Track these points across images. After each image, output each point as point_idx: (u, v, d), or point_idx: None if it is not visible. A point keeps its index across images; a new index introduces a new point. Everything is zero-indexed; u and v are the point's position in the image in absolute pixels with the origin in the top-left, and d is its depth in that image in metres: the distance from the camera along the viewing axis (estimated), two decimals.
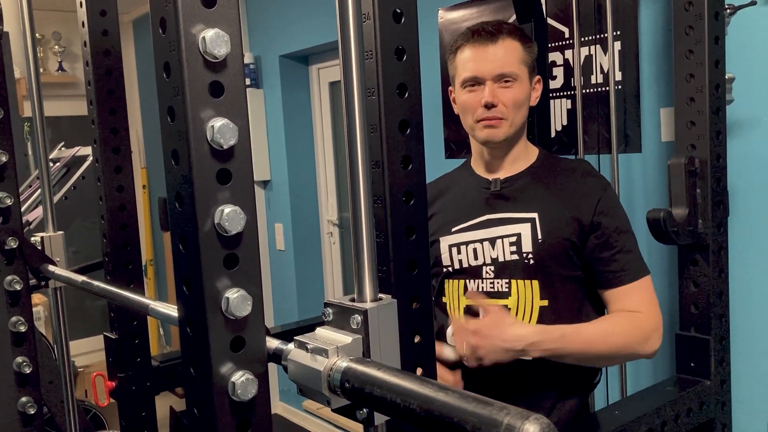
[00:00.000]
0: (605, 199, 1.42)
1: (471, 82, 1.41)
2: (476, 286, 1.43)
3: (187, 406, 0.66)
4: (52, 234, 1.42)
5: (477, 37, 1.41)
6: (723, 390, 1.45)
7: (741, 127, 1.78)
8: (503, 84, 1.39)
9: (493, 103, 1.38)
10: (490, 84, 1.39)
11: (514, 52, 1.40)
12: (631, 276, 1.39)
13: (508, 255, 1.40)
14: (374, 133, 0.80)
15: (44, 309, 3.23)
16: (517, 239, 1.40)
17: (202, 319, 0.62)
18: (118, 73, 1.57)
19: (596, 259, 1.40)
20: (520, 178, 1.46)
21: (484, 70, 1.39)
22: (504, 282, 1.41)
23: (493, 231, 1.42)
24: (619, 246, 1.40)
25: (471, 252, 1.43)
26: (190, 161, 0.60)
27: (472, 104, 1.41)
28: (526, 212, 1.42)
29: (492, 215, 1.44)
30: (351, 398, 0.62)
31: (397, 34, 0.80)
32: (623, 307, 1.39)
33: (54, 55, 4.70)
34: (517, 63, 1.40)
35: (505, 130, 1.41)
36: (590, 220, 1.39)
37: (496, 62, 1.39)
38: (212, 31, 0.60)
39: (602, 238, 1.39)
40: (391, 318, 0.69)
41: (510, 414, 0.48)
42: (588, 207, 1.40)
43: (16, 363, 1.29)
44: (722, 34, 1.38)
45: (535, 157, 1.49)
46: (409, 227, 0.82)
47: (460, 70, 1.43)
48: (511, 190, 1.45)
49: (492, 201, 1.45)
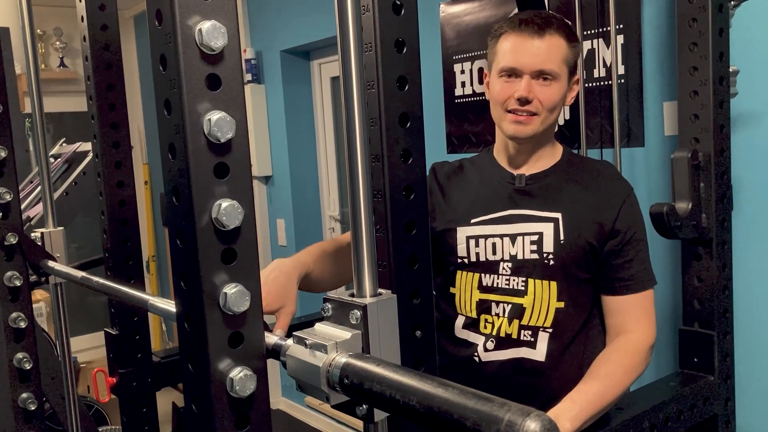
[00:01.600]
0: (628, 205, 1.39)
1: (508, 72, 1.36)
2: (491, 282, 1.41)
3: (185, 402, 0.66)
4: (52, 230, 1.41)
5: (524, 27, 1.35)
6: (727, 386, 1.44)
7: (745, 120, 1.77)
8: (541, 81, 1.34)
9: (527, 98, 1.34)
10: (527, 78, 1.34)
11: (559, 49, 1.35)
12: (637, 287, 1.37)
13: (528, 253, 1.38)
14: (374, 127, 0.79)
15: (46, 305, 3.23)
16: (538, 238, 1.38)
17: (199, 315, 0.62)
18: (118, 68, 1.57)
19: (608, 264, 1.38)
20: (546, 176, 1.43)
21: (525, 63, 1.34)
22: (521, 280, 1.39)
23: (515, 227, 1.40)
24: (631, 255, 1.37)
25: (489, 246, 1.41)
26: (187, 155, 0.59)
27: (505, 95, 1.36)
28: (550, 212, 1.39)
29: (514, 211, 1.41)
30: (350, 394, 0.61)
31: (396, 26, 0.79)
32: (621, 323, 1.38)
33: (56, 51, 4.69)
34: (560, 62, 1.35)
35: (534, 127, 1.36)
36: (612, 225, 1.37)
37: (538, 57, 1.33)
38: (209, 23, 0.59)
39: (618, 244, 1.37)
40: (391, 313, 0.68)
41: (511, 410, 0.48)
42: (611, 212, 1.38)
43: (17, 359, 1.29)
44: (726, 27, 1.37)
45: (559, 155, 1.46)
46: (410, 222, 0.81)
47: (500, 57, 1.37)
48: (536, 187, 1.42)
49: (515, 196, 1.43)
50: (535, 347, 1.38)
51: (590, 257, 1.38)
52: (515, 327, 1.39)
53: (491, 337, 1.40)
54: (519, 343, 1.39)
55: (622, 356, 1.34)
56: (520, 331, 1.39)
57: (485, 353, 1.41)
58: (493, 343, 1.40)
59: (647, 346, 1.36)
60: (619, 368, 1.32)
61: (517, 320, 1.38)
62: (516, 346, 1.39)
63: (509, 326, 1.39)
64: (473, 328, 1.43)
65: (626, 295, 1.37)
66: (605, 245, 1.37)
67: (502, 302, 1.40)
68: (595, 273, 1.39)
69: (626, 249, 1.37)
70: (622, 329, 1.38)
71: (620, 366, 1.33)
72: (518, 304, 1.39)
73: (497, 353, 1.40)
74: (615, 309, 1.39)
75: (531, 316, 1.38)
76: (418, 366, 0.81)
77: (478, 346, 1.41)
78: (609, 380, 1.30)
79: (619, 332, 1.38)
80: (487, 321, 1.41)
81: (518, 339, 1.39)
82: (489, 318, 1.41)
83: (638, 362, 1.35)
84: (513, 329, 1.39)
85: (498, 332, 1.40)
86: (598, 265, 1.39)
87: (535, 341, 1.38)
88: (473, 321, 1.43)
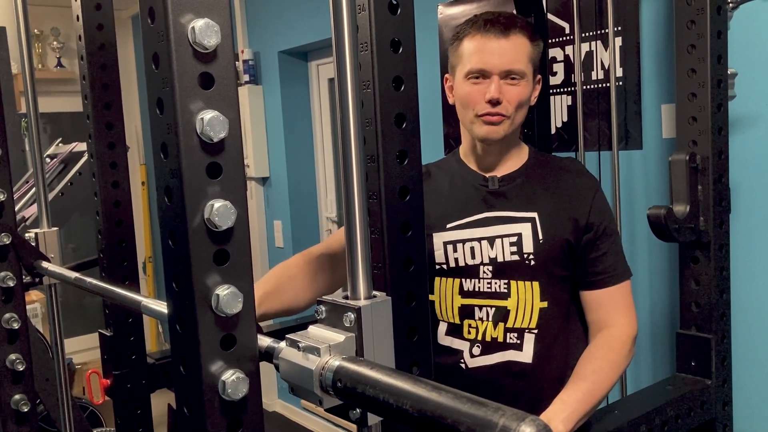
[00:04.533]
0: (598, 199, 1.41)
1: (476, 74, 1.35)
2: (473, 286, 1.41)
3: (177, 405, 0.65)
4: (46, 230, 1.41)
5: (489, 27, 1.34)
6: (724, 389, 1.43)
7: (743, 123, 1.77)
8: (510, 81, 1.34)
9: (498, 99, 1.33)
10: (496, 79, 1.33)
11: (524, 48, 1.36)
12: (613, 279, 1.38)
13: (508, 255, 1.38)
14: (369, 127, 0.78)
15: (42, 306, 3.22)
16: (517, 239, 1.38)
17: (191, 317, 0.61)
18: (114, 68, 1.56)
19: (583, 259, 1.39)
20: (517, 176, 1.43)
21: (493, 64, 1.33)
22: (503, 282, 1.39)
23: (492, 230, 1.40)
24: (605, 248, 1.39)
25: (468, 250, 1.41)
26: (179, 154, 0.59)
27: (474, 98, 1.35)
28: (526, 212, 1.39)
29: (490, 213, 1.41)
30: (343, 398, 0.60)
31: (392, 25, 0.78)
32: (601, 317, 1.39)
33: (53, 50, 4.68)
34: (526, 61, 1.35)
35: (505, 128, 1.37)
36: (586, 220, 1.38)
37: (506, 57, 1.33)
38: (202, 21, 0.58)
39: (593, 238, 1.38)
40: (385, 316, 0.67)
41: (505, 415, 0.47)
42: (583, 207, 1.39)
43: (9, 360, 1.28)
44: (724, 29, 1.36)
45: (527, 155, 1.47)
46: (405, 223, 0.81)
47: (466, 60, 1.36)
48: (510, 188, 1.42)
49: (490, 199, 1.43)
50: (521, 349, 1.38)
51: (568, 254, 1.38)
52: (501, 330, 1.38)
53: (477, 342, 1.40)
54: (506, 346, 1.39)
55: (606, 352, 1.35)
56: (506, 334, 1.38)
57: (471, 359, 1.40)
58: (479, 348, 1.40)
59: (630, 338, 1.37)
60: (605, 364, 1.33)
61: (503, 323, 1.38)
62: (503, 349, 1.39)
63: (494, 330, 1.39)
64: (456, 334, 1.42)
65: (604, 289, 1.38)
66: (581, 240, 1.38)
67: (485, 306, 1.40)
68: (572, 270, 1.40)
69: (600, 242, 1.39)
70: (604, 324, 1.39)
71: (606, 362, 1.33)
72: (502, 307, 1.38)
73: (484, 358, 1.40)
74: (594, 303, 1.40)
75: (516, 318, 1.38)
76: (413, 369, 0.80)
77: (463, 353, 1.41)
78: (596, 377, 1.30)
79: (600, 327, 1.39)
80: (470, 326, 1.41)
81: (504, 342, 1.39)
82: (472, 323, 1.40)
83: (623, 356, 1.36)
84: (499, 332, 1.39)
85: (483, 337, 1.39)
86: (575, 261, 1.39)
87: (521, 343, 1.38)
88: (456, 327, 1.42)
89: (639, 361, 2.07)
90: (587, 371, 1.32)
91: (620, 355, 1.35)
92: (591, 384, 1.29)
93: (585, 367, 1.33)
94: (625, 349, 1.36)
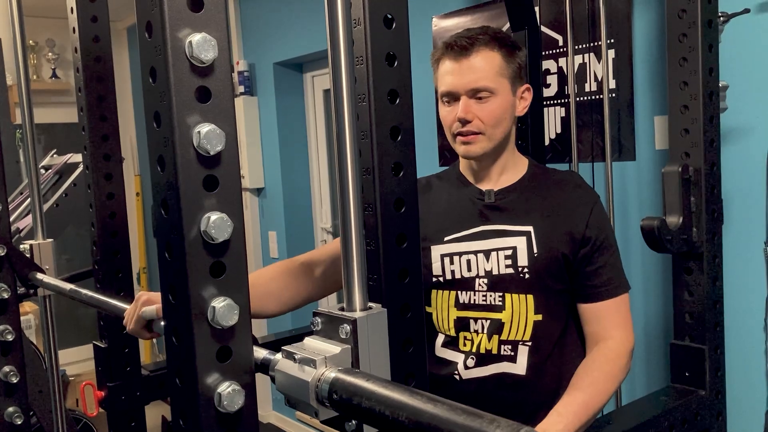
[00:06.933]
0: (596, 213, 1.41)
1: (447, 97, 1.39)
2: (468, 299, 1.41)
3: (173, 417, 0.65)
4: (41, 242, 1.41)
5: (450, 51, 1.38)
6: (718, 400, 1.44)
7: (735, 135, 1.78)
8: (477, 100, 1.36)
9: (466, 118, 1.36)
10: (464, 99, 1.36)
11: (491, 63, 1.36)
12: (611, 292, 1.39)
13: (503, 268, 1.39)
14: (365, 140, 0.79)
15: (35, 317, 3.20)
16: (512, 252, 1.39)
17: (187, 329, 0.61)
18: (110, 80, 1.56)
19: (581, 272, 1.39)
20: (514, 190, 1.44)
21: (457, 85, 1.36)
22: (498, 295, 1.39)
23: (488, 243, 1.41)
24: (603, 261, 1.39)
25: (464, 263, 1.42)
26: (176, 167, 0.59)
27: (449, 119, 1.39)
28: (522, 225, 1.40)
29: (486, 227, 1.42)
30: (339, 410, 0.60)
31: (388, 39, 0.79)
32: (598, 330, 1.39)
33: (48, 62, 4.69)
34: (494, 76, 1.36)
35: (482, 145, 1.38)
36: (582, 233, 1.39)
37: (469, 76, 1.35)
38: (199, 35, 0.59)
39: (590, 252, 1.39)
40: (381, 327, 0.67)
41: (501, 426, 0.47)
42: (580, 220, 1.39)
43: (3, 372, 1.28)
44: (716, 42, 1.38)
45: (525, 167, 1.48)
46: (401, 235, 0.81)
47: (439, 83, 1.41)
48: (506, 202, 1.43)
49: (486, 212, 1.43)
50: (515, 361, 1.38)
51: (564, 267, 1.39)
52: (495, 342, 1.39)
53: (471, 354, 1.40)
54: (499, 358, 1.39)
55: (603, 364, 1.35)
56: (500, 346, 1.39)
57: (465, 371, 1.41)
58: (474, 360, 1.40)
59: (627, 351, 1.38)
60: (602, 376, 1.33)
61: (497, 335, 1.39)
62: (497, 361, 1.39)
63: (489, 342, 1.39)
64: (452, 346, 1.43)
65: (601, 302, 1.39)
66: (578, 254, 1.39)
67: (480, 318, 1.40)
68: (569, 283, 1.40)
69: (597, 256, 1.39)
70: (601, 336, 1.39)
71: (602, 374, 1.34)
72: (497, 320, 1.39)
73: (478, 370, 1.40)
74: (592, 316, 1.40)
75: (510, 331, 1.38)
76: (409, 381, 0.80)
77: (457, 364, 1.41)
78: (593, 389, 1.31)
79: (597, 340, 1.39)
80: (466, 338, 1.41)
81: (498, 354, 1.39)
82: (468, 335, 1.41)
83: (619, 368, 1.36)
84: (493, 345, 1.39)
85: (478, 349, 1.40)
86: (572, 274, 1.40)
87: (515, 355, 1.38)
88: (452, 339, 1.43)
89: (634, 371, 2.07)
90: (584, 383, 1.32)
91: (617, 367, 1.35)
92: (587, 396, 1.29)
93: (582, 378, 1.33)
94: (622, 361, 1.36)
